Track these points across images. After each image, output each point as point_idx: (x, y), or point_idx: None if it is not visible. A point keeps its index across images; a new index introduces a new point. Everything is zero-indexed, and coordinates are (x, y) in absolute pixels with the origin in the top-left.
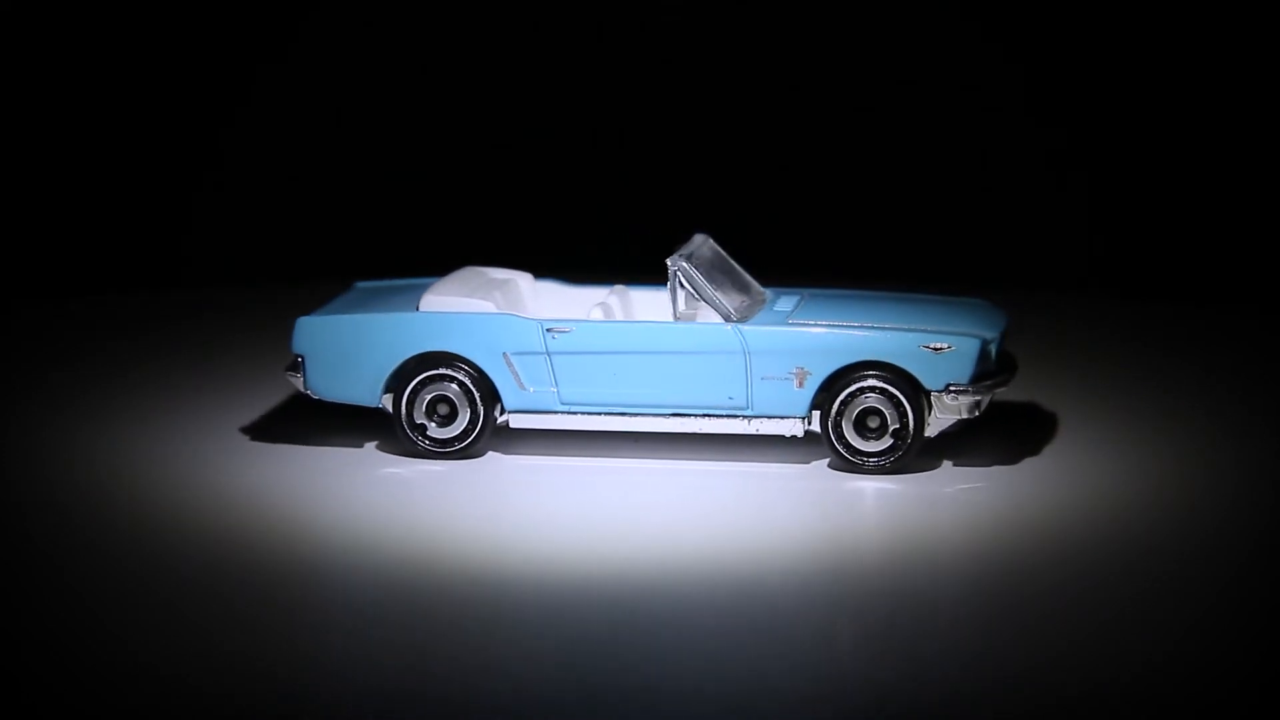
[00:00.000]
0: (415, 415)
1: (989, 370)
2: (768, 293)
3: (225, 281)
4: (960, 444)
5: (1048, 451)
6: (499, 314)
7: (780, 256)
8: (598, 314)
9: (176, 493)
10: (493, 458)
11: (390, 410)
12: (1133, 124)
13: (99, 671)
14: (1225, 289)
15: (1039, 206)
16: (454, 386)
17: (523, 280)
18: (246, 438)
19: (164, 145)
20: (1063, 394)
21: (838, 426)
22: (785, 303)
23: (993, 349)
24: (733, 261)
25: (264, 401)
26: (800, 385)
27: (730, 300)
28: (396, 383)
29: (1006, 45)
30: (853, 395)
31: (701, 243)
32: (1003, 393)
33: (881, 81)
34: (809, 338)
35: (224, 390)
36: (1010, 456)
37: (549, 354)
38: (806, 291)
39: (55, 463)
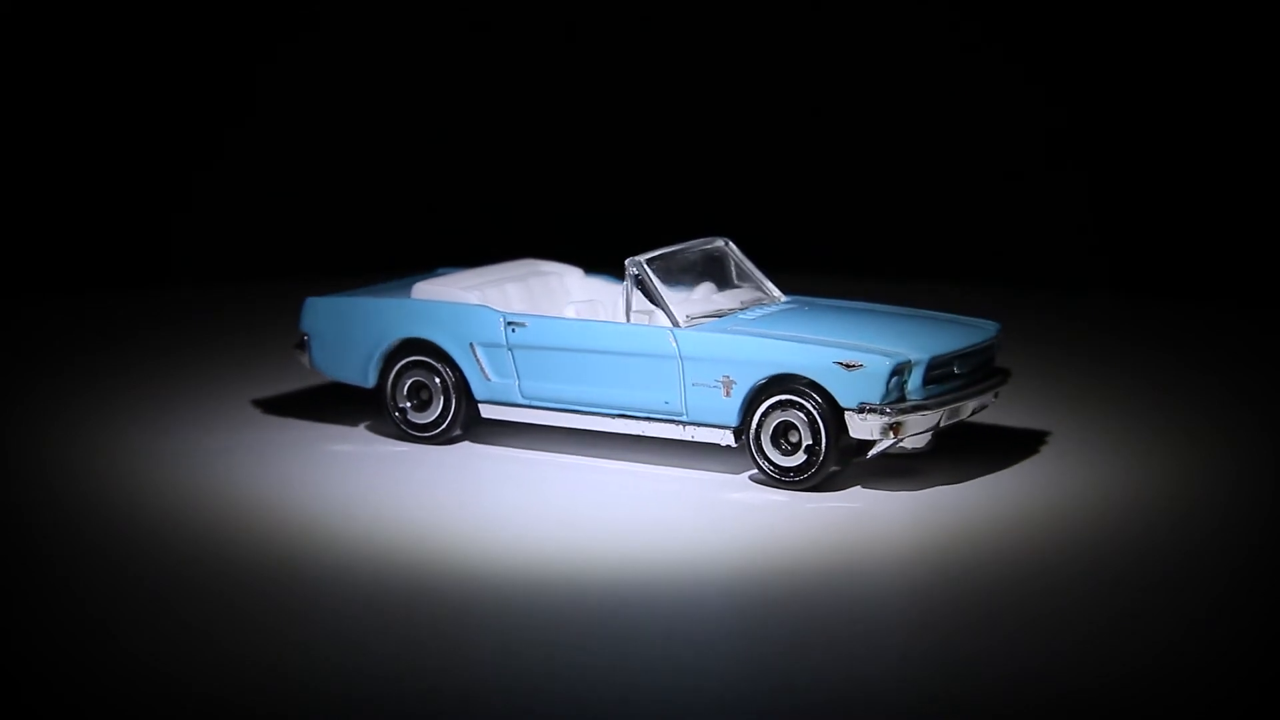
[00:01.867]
0: (398, 399)
1: (903, 393)
2: (782, 299)
3: (255, 278)
4: (939, 453)
5: (1045, 451)
6: (468, 305)
7: (783, 256)
8: (570, 311)
9: (172, 488)
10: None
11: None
12: (1133, 123)
13: (98, 671)
14: (1225, 287)
15: (1040, 206)
16: (433, 373)
17: (569, 275)
18: (234, 417)
19: (166, 143)
20: (1061, 393)
21: (758, 439)
22: (760, 310)
23: (914, 371)
24: (750, 267)
25: (262, 386)
26: (727, 394)
27: (685, 305)
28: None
29: (1008, 46)
30: (774, 408)
31: (694, 245)
32: (1002, 394)
33: (883, 83)
34: (731, 346)
35: (223, 380)
36: (1005, 458)
37: (509, 347)
38: (816, 301)
39: (55, 461)
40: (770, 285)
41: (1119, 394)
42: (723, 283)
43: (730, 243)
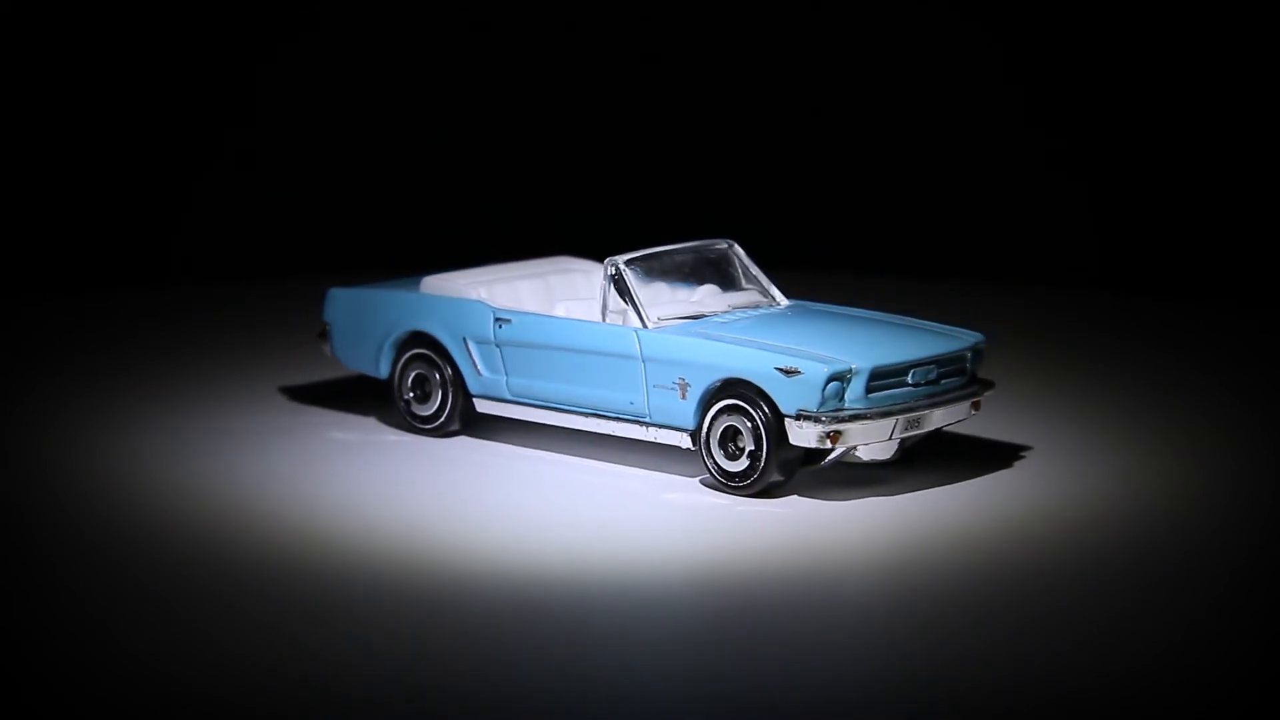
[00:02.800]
0: (403, 390)
1: (837, 402)
2: (784, 303)
3: (255, 278)
4: (932, 457)
5: (1044, 451)
6: (463, 299)
7: (783, 255)
8: (560, 309)
9: (172, 488)
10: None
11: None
12: (1133, 124)
13: (98, 671)
14: (1225, 287)
15: (1040, 205)
16: (433, 367)
17: (598, 274)
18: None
19: (166, 143)
20: (1060, 392)
21: (707, 443)
22: (742, 314)
23: (854, 380)
24: (755, 270)
25: (263, 384)
26: (683, 397)
27: (664, 307)
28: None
29: (1009, 46)
30: (723, 412)
31: (685, 247)
32: (1000, 395)
33: (883, 83)
34: (687, 349)
35: (223, 380)
36: (1004, 458)
37: (497, 343)
38: (811, 306)
39: (55, 461)
40: (774, 289)
41: (1118, 394)
42: (727, 285)
43: (735, 245)
